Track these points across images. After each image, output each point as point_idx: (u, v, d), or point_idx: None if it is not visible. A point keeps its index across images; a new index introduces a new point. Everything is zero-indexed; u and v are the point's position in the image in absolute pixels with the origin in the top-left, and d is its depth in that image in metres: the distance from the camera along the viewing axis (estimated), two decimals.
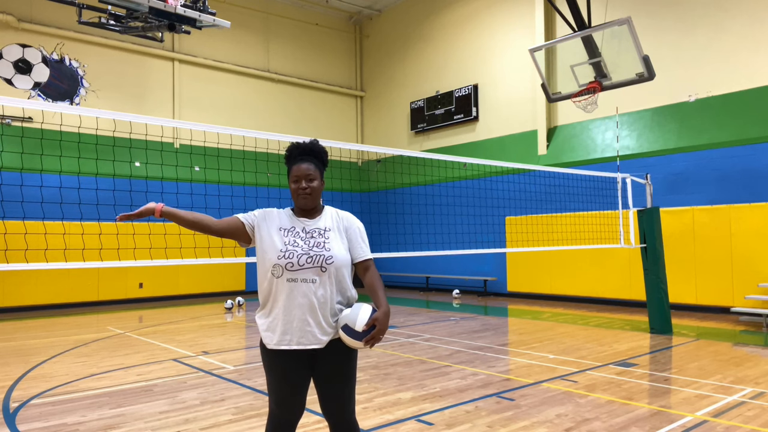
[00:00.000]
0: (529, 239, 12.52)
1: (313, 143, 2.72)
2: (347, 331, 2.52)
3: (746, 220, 10.25)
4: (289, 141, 5.60)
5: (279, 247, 2.55)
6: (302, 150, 2.68)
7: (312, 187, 2.62)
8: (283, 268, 2.53)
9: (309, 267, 2.53)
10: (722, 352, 7.04)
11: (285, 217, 2.68)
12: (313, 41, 18.67)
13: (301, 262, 2.53)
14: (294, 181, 2.64)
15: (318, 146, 2.72)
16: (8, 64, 6.70)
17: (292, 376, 2.56)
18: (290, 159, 2.69)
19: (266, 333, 2.56)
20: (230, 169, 7.76)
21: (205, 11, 7.17)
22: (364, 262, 2.70)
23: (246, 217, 2.67)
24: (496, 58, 15.38)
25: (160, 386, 5.62)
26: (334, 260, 2.57)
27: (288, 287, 2.52)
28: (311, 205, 2.66)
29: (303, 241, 2.58)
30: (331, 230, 2.66)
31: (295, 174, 2.63)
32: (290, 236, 2.59)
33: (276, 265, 2.53)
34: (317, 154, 2.70)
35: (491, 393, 5.20)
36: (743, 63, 10.78)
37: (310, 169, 2.64)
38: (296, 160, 2.66)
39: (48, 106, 4.43)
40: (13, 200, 6.18)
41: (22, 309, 12.59)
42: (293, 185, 2.64)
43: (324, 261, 2.55)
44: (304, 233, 2.61)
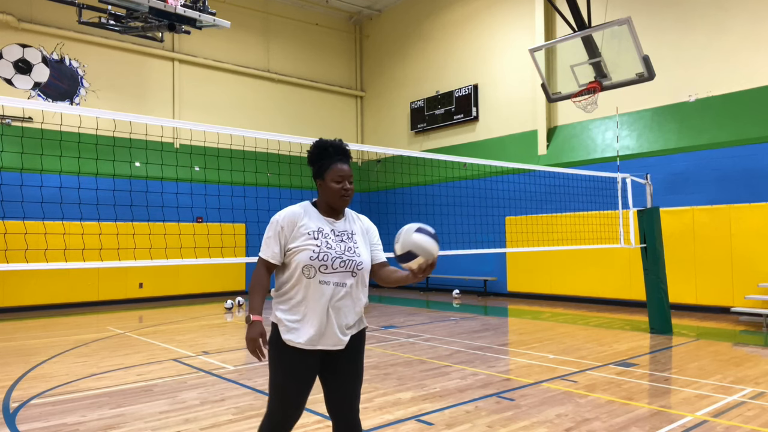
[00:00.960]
0: (529, 239, 12.51)
1: (345, 144, 2.69)
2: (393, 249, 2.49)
3: (746, 220, 10.25)
4: (288, 141, 5.60)
5: (312, 248, 2.52)
6: (339, 149, 2.64)
7: (353, 189, 2.63)
8: (316, 270, 2.52)
9: (342, 271, 2.55)
10: (722, 352, 7.04)
11: (312, 216, 2.62)
12: (313, 41, 18.68)
13: (335, 265, 2.54)
14: (337, 182, 2.58)
15: (348, 147, 2.71)
16: (8, 64, 6.70)
17: (305, 375, 2.56)
18: (326, 157, 2.62)
19: (290, 331, 2.54)
20: (230, 169, 7.77)
21: (205, 11, 7.18)
22: (382, 262, 2.79)
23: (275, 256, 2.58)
24: (496, 58, 15.38)
25: (160, 386, 5.62)
26: (364, 266, 2.62)
27: (319, 289, 2.53)
28: (347, 206, 2.68)
29: (335, 243, 2.58)
30: (357, 234, 2.68)
31: (339, 174, 2.59)
32: (322, 237, 2.56)
33: (309, 266, 2.52)
34: (350, 155, 2.69)
35: (491, 393, 5.20)
36: (743, 63, 10.78)
37: (350, 171, 2.63)
38: (335, 160, 2.61)
39: (48, 106, 4.43)
40: (13, 200, 6.18)
41: (22, 309, 12.60)
42: (335, 185, 2.58)
43: (355, 266, 2.58)
44: (334, 235, 2.60)
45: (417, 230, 2.42)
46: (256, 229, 14.68)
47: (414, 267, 2.44)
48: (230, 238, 12.87)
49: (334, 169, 2.59)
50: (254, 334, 2.51)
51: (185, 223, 12.91)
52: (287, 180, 10.06)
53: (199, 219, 14.35)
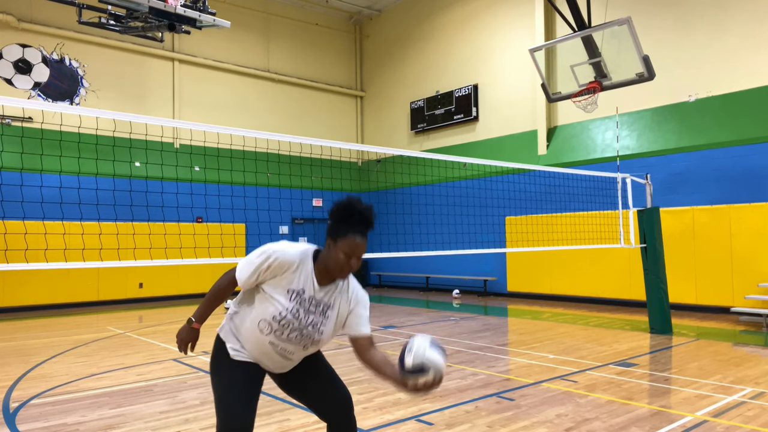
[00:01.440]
0: (529, 239, 12.51)
1: (373, 212, 2.41)
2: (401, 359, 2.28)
3: (746, 220, 10.25)
4: (288, 141, 5.60)
5: (279, 310, 2.38)
6: (365, 220, 2.37)
7: (359, 265, 2.41)
8: (272, 331, 2.40)
9: (294, 343, 2.45)
10: (722, 352, 7.04)
11: (303, 273, 2.40)
12: (313, 41, 18.68)
13: (290, 336, 2.42)
14: (346, 254, 2.34)
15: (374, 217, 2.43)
16: (8, 64, 6.70)
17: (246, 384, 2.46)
18: (347, 224, 2.36)
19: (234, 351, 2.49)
20: (230, 169, 7.77)
21: (205, 11, 7.18)
22: (366, 337, 2.49)
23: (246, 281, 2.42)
24: (496, 58, 15.38)
25: (160, 386, 5.62)
26: (320, 342, 2.50)
27: (266, 346, 2.45)
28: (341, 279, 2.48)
29: (304, 313, 2.41)
30: (334, 309, 2.47)
31: (351, 248, 2.34)
32: (295, 302, 2.39)
33: (266, 322, 2.40)
34: (372, 227, 2.41)
35: (491, 393, 5.20)
36: (743, 63, 10.78)
37: (365, 245, 2.38)
38: (355, 231, 2.35)
39: (48, 106, 4.43)
40: (13, 200, 6.18)
41: (22, 309, 12.60)
42: (342, 256, 2.34)
43: (310, 342, 2.46)
44: (309, 303, 2.41)
45: (431, 345, 2.25)
46: (256, 229, 14.68)
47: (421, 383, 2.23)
48: (230, 238, 12.87)
49: (349, 239, 2.33)
50: (186, 337, 2.51)
51: (185, 223, 12.91)
52: (287, 180, 10.06)
53: (199, 219, 14.35)
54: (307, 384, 2.61)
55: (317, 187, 15.81)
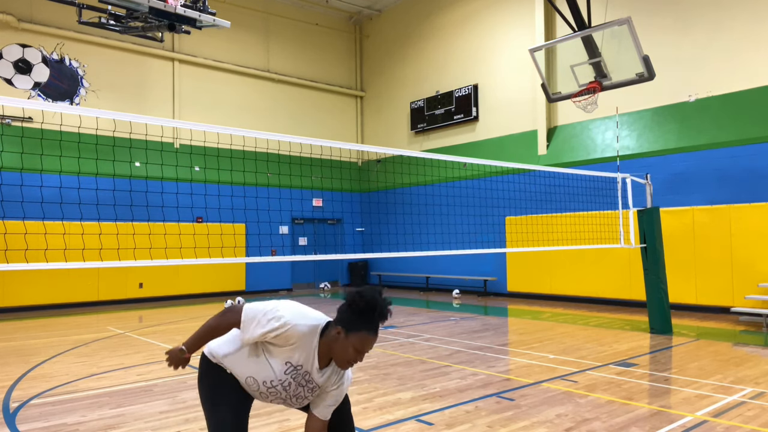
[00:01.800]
0: (529, 239, 12.51)
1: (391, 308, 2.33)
2: None
3: (746, 220, 10.25)
4: (288, 141, 5.59)
5: (270, 378, 2.36)
6: (383, 318, 2.29)
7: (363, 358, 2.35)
8: (257, 390, 2.42)
9: (276, 401, 2.49)
10: (722, 352, 7.04)
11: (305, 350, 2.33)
12: (313, 41, 18.68)
13: (275, 401, 2.48)
14: (356, 350, 2.26)
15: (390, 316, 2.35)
16: (8, 64, 6.70)
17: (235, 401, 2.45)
18: (366, 320, 2.26)
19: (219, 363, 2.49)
20: (230, 169, 7.77)
21: (205, 11, 7.17)
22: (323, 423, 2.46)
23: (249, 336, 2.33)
24: (496, 58, 15.38)
25: (160, 386, 5.62)
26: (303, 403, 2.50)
27: (248, 388, 2.46)
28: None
29: (294, 387, 2.39)
30: (321, 387, 2.46)
31: (364, 344, 2.26)
32: (289, 375, 2.35)
33: (254, 380, 2.39)
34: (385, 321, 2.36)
35: (491, 393, 5.20)
36: (743, 63, 10.78)
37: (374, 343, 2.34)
38: (371, 327, 2.27)
39: (48, 106, 4.43)
40: (13, 200, 6.19)
41: (22, 309, 12.60)
42: (353, 351, 2.26)
43: (295, 403, 2.48)
44: (302, 378, 2.37)
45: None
46: (256, 229, 14.67)
47: None
48: (230, 238, 12.86)
49: (363, 335, 2.25)
50: (177, 362, 2.45)
51: (185, 223, 12.91)
52: (287, 180, 10.06)
53: (199, 219, 14.35)
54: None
55: (317, 187, 15.82)
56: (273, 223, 15.14)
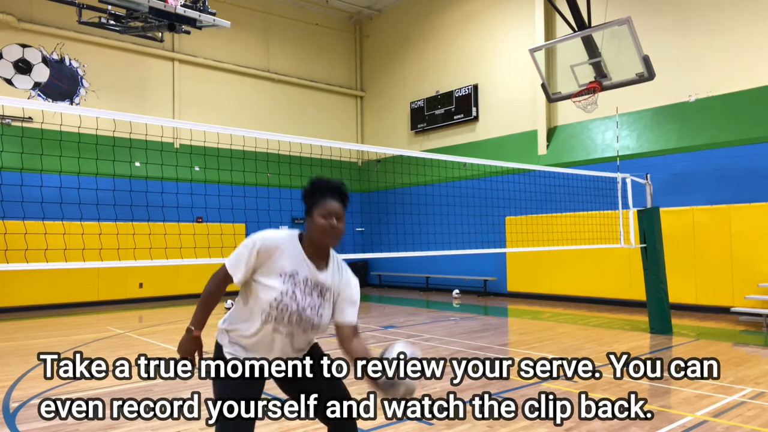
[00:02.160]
0: (529, 239, 12.51)
1: (342, 183, 2.52)
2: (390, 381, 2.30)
3: (746, 220, 10.25)
4: (288, 141, 5.60)
5: (274, 295, 2.36)
6: (332, 187, 2.46)
7: (341, 229, 2.43)
8: (272, 318, 2.39)
9: (295, 325, 2.42)
10: (722, 352, 7.04)
11: (291, 256, 2.41)
12: (313, 41, 18.68)
13: (291, 320, 2.40)
14: (324, 216, 2.38)
15: (346, 189, 2.53)
16: (8, 64, 6.70)
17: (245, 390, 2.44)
18: (317, 193, 2.45)
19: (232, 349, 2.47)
20: (230, 169, 7.76)
21: (205, 11, 7.18)
22: (352, 326, 2.48)
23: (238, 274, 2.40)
24: (496, 58, 15.38)
25: (160, 386, 5.62)
26: (321, 325, 2.47)
27: (269, 335, 2.42)
28: (334, 245, 2.47)
29: (302, 294, 2.40)
30: (330, 290, 2.48)
31: (327, 209, 2.39)
32: (291, 285, 2.39)
33: (266, 312, 2.38)
34: (346, 196, 2.50)
35: (491, 393, 5.20)
36: (743, 63, 10.78)
37: (341, 209, 2.44)
38: (326, 196, 2.43)
39: (48, 106, 4.43)
40: (13, 200, 6.18)
41: (22, 309, 12.59)
42: (322, 220, 2.38)
43: (310, 325, 2.44)
44: (305, 284, 2.41)
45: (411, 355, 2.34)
46: (256, 229, 14.59)
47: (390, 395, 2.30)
48: (230, 238, 12.81)
49: (323, 204, 2.41)
50: (190, 348, 2.44)
51: (185, 223, 12.91)
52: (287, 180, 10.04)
53: (199, 219, 14.35)
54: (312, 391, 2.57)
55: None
56: (273, 223, 15.06)
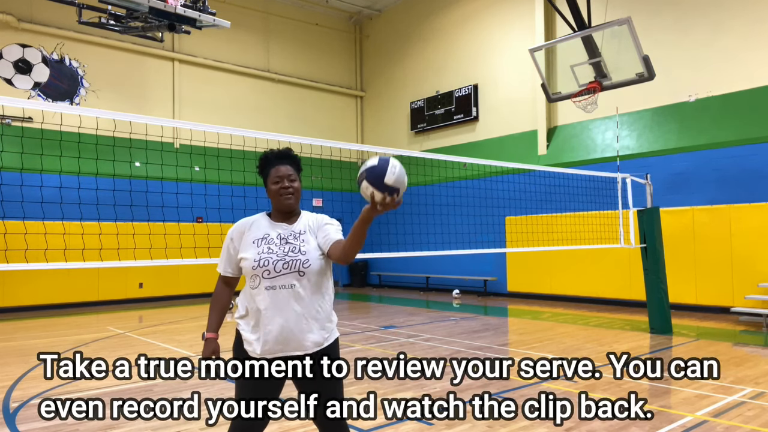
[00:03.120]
0: (529, 239, 12.51)
1: (288, 149, 2.72)
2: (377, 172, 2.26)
3: (746, 220, 10.25)
4: (288, 141, 5.60)
5: (254, 257, 2.51)
6: (277, 154, 2.65)
7: (294, 188, 2.60)
8: (260, 278, 2.49)
9: (286, 272, 2.47)
10: (722, 352, 7.04)
11: (260, 225, 2.62)
12: (313, 41, 18.68)
13: (278, 268, 2.48)
14: (275, 183, 2.59)
15: (292, 152, 2.70)
16: (8, 64, 6.70)
17: (259, 386, 2.51)
18: (266, 164, 2.64)
19: (248, 342, 2.54)
20: (230, 169, 7.76)
21: (205, 11, 7.18)
22: (336, 242, 2.56)
23: (227, 268, 2.65)
24: (496, 58, 15.38)
25: (160, 386, 5.62)
26: (311, 264, 2.51)
27: (266, 295, 2.47)
28: (294, 207, 2.61)
29: (277, 247, 2.53)
30: (306, 233, 2.60)
31: (276, 175, 2.59)
32: (264, 245, 2.54)
33: (253, 276, 2.51)
34: (293, 158, 2.67)
35: (491, 393, 5.20)
36: (743, 63, 10.78)
37: (290, 170, 2.61)
38: (273, 164, 2.62)
39: (48, 106, 4.43)
40: (13, 200, 6.19)
41: (22, 309, 12.59)
42: (274, 186, 2.58)
43: (300, 265, 2.49)
44: (279, 239, 2.55)
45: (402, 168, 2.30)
46: None
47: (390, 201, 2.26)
48: None
49: (272, 172, 2.60)
50: (207, 352, 2.59)
51: (185, 223, 12.90)
52: None
53: (199, 219, 14.35)
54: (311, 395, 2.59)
55: (317, 187, 15.80)
56: None
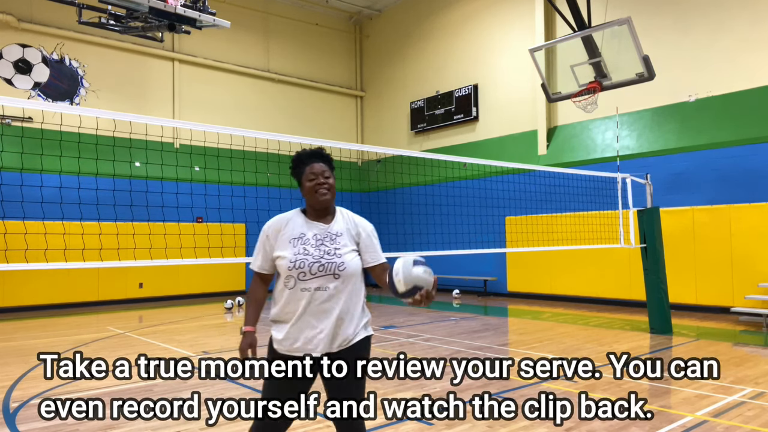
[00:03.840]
0: (529, 239, 12.51)
1: (321, 148, 2.74)
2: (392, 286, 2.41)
3: (746, 220, 10.25)
4: (288, 141, 5.60)
5: (290, 258, 2.52)
6: (310, 153, 2.68)
7: (330, 184, 2.60)
8: (295, 279, 2.51)
9: (322, 275, 2.50)
10: (722, 352, 7.04)
11: (296, 224, 2.62)
12: (313, 41, 18.68)
13: (313, 270, 2.50)
14: (310, 179, 2.59)
15: (324, 151, 2.73)
16: (8, 64, 6.70)
17: (286, 384, 2.53)
18: (300, 162, 2.66)
19: (278, 341, 2.57)
20: (230, 169, 7.76)
21: (205, 11, 7.18)
22: (382, 264, 2.67)
23: (264, 266, 2.65)
24: (496, 58, 15.38)
25: (161, 386, 5.62)
26: (346, 267, 2.54)
27: (300, 296, 2.50)
28: (330, 203, 2.62)
29: (314, 248, 2.54)
30: (342, 235, 2.61)
31: (311, 172, 2.60)
32: (300, 245, 2.54)
33: (288, 276, 2.52)
34: (326, 157, 2.69)
35: (491, 393, 5.20)
36: (743, 63, 10.78)
37: (324, 167, 2.63)
38: (308, 162, 2.64)
39: (48, 106, 4.43)
40: (13, 200, 6.19)
41: (22, 309, 12.59)
42: (310, 183, 2.58)
43: (336, 268, 2.52)
44: (315, 240, 2.56)
45: (414, 264, 2.37)
46: (256, 229, 14.66)
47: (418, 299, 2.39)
48: (230, 238, 12.86)
49: (307, 169, 2.61)
50: (244, 344, 2.57)
51: (185, 223, 12.91)
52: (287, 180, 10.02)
53: (199, 219, 14.35)
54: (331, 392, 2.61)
55: None
56: None
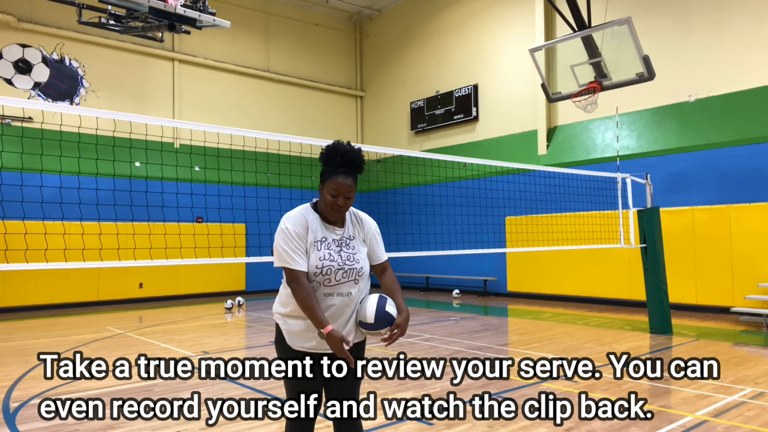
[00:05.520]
0: (529, 239, 12.51)
1: (360, 153, 2.52)
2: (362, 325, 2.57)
3: (746, 220, 10.25)
4: (288, 141, 5.60)
5: (315, 263, 2.47)
6: (349, 161, 2.48)
7: (348, 204, 2.53)
8: (320, 284, 2.49)
9: (345, 281, 2.52)
10: (722, 352, 7.04)
11: (316, 225, 2.54)
12: (313, 41, 18.68)
13: (338, 277, 2.51)
14: (332, 195, 2.48)
15: (363, 158, 2.53)
16: (8, 64, 6.70)
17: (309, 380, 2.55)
18: (332, 165, 2.49)
19: (292, 336, 2.55)
20: (230, 169, 7.76)
21: (205, 11, 7.18)
22: (382, 264, 2.72)
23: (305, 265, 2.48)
24: (496, 58, 15.38)
25: (160, 386, 5.62)
26: (364, 272, 2.59)
27: (325, 301, 2.50)
28: (339, 219, 2.59)
29: (336, 253, 2.53)
30: (355, 238, 2.63)
31: (336, 188, 2.46)
32: (324, 249, 2.51)
33: (311, 280, 2.50)
34: (360, 167, 2.52)
35: (491, 393, 5.20)
36: (743, 63, 10.77)
37: (351, 185, 2.49)
38: (339, 172, 2.47)
39: (48, 106, 4.43)
40: (13, 200, 6.19)
41: (22, 309, 12.59)
42: (330, 197, 2.48)
43: (357, 274, 2.55)
44: (335, 244, 2.55)
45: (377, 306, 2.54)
46: (256, 229, 14.67)
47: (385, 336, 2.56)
48: (230, 238, 12.87)
49: (333, 180, 2.47)
50: (337, 342, 2.38)
51: (185, 223, 12.91)
52: (287, 180, 10.06)
53: (199, 219, 14.35)
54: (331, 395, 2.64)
55: (317, 187, 15.81)
56: (273, 223, 15.09)
